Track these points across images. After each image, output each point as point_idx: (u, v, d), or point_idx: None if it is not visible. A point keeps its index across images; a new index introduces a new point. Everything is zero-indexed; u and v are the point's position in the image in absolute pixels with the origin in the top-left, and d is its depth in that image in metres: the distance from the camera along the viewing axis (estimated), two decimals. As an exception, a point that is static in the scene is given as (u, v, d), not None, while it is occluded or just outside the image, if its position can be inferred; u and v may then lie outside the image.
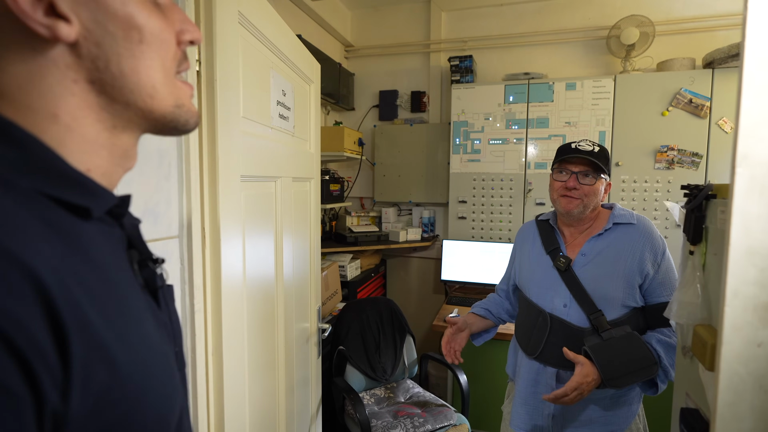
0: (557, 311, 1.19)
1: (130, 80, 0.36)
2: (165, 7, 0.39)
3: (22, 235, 0.28)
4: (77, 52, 0.34)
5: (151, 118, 0.39)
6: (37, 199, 0.32)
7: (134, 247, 0.42)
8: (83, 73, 0.35)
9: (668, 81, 2.25)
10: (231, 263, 0.91)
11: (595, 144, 1.19)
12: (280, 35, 1.16)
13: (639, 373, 1.08)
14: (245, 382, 1.01)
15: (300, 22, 2.48)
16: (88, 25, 0.34)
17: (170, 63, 0.39)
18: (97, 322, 0.30)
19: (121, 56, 0.35)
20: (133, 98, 0.37)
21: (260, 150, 1.06)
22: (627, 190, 2.36)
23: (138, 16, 0.36)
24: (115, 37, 0.35)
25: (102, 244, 0.36)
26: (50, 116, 0.34)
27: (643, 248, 1.16)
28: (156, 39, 0.37)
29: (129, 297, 0.37)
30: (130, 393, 0.33)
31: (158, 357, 0.38)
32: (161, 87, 0.38)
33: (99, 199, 0.36)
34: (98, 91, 0.36)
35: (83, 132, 0.36)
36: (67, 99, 0.35)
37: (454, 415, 1.83)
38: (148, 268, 0.43)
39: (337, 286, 2.37)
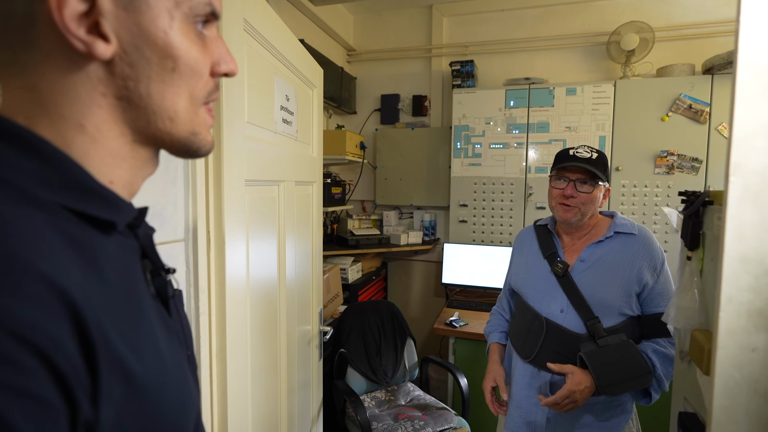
0: (554, 316, 1.20)
1: (154, 102, 0.38)
2: (208, 38, 0.41)
3: (51, 255, 0.29)
4: (110, 69, 0.36)
5: (167, 140, 0.40)
6: (61, 214, 0.33)
7: (147, 257, 0.44)
8: (113, 89, 0.36)
9: (668, 87, 2.26)
10: (235, 266, 0.92)
11: (593, 150, 1.20)
12: (284, 41, 1.18)
13: (633, 381, 1.08)
14: (248, 383, 1.02)
15: (303, 26, 2.50)
16: (126, 47, 0.35)
17: (199, 93, 0.41)
18: (114, 337, 0.32)
19: (151, 80, 0.37)
20: (154, 119, 0.38)
21: (264, 154, 1.07)
22: (627, 195, 2.37)
23: (177, 46, 0.38)
24: (150, 62, 0.37)
25: (118, 258, 0.37)
26: (78, 126, 0.36)
27: (643, 259, 1.17)
28: (189, 69, 0.39)
29: (141, 311, 0.38)
30: (147, 403, 0.34)
31: (170, 367, 0.39)
32: (183, 113, 0.40)
33: (121, 212, 0.38)
34: (124, 107, 0.37)
35: (107, 144, 0.37)
36: (94, 110, 0.36)
37: (454, 418, 1.84)
38: (160, 277, 0.44)
39: (339, 288, 2.38)
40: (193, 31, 0.39)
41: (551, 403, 1.10)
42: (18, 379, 0.25)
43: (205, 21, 0.40)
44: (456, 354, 2.28)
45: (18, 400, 0.25)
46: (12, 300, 0.26)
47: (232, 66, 0.44)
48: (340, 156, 2.55)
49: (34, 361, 0.26)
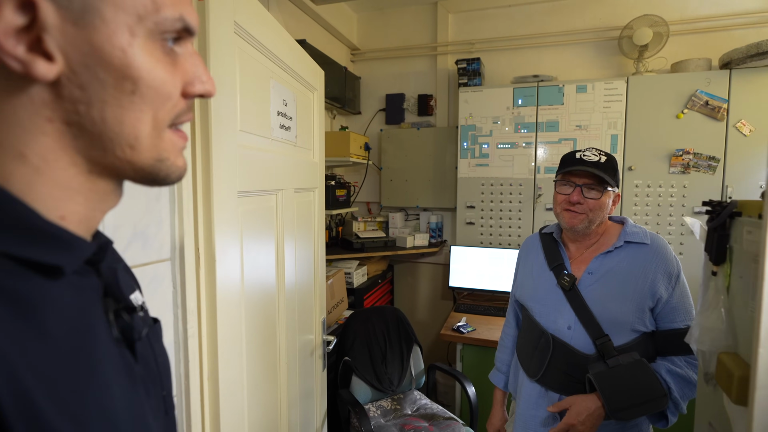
0: (561, 333, 1.13)
1: (110, 128, 0.33)
2: (180, 56, 0.36)
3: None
4: (57, 91, 0.31)
5: (129, 169, 0.35)
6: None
7: (110, 294, 0.39)
8: (60, 114, 0.32)
9: (683, 82, 2.18)
10: (227, 284, 0.88)
11: (601, 153, 1.12)
12: (280, 43, 1.13)
13: (647, 405, 1.01)
14: (244, 402, 0.98)
15: (305, 26, 2.45)
16: (75, 66, 0.31)
17: (165, 115, 0.36)
18: (48, 409, 0.28)
19: (105, 103, 0.32)
20: (111, 146, 0.34)
21: (259, 163, 1.03)
22: (640, 195, 2.29)
23: (138, 66, 0.33)
24: (104, 84, 0.32)
25: (68, 306, 0.33)
26: (18, 155, 0.31)
27: (656, 270, 1.09)
28: (152, 91, 0.34)
29: (93, 367, 0.34)
30: None
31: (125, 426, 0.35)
32: (145, 139, 0.35)
33: (74, 251, 0.34)
34: (74, 134, 0.33)
35: (55, 176, 0.33)
36: (38, 138, 0.31)
37: (462, 429, 1.78)
38: (123, 318, 0.39)
39: (344, 293, 2.33)
40: (160, 48, 0.34)
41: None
42: None
43: (177, 38, 0.35)
44: (464, 361, 2.22)
45: None
46: None
47: (209, 86, 0.38)
48: (345, 158, 2.50)
49: None
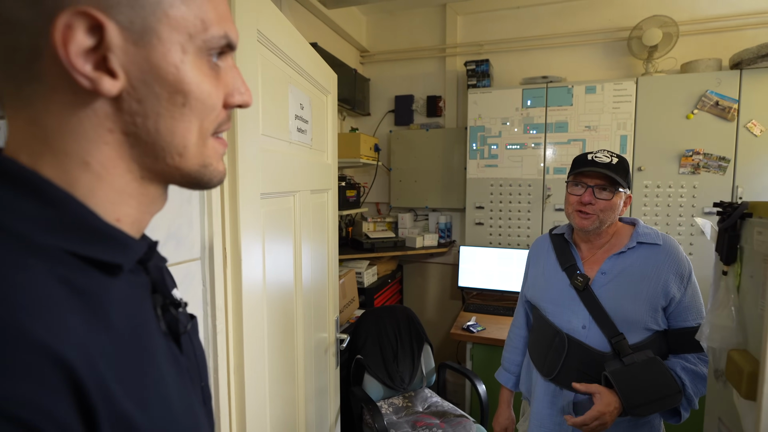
0: (575, 333, 1.15)
1: (163, 138, 0.36)
2: (222, 69, 0.39)
3: (51, 317, 0.28)
4: (118, 105, 0.34)
5: (177, 174, 0.39)
6: (63, 260, 0.31)
7: (158, 290, 0.42)
8: (120, 125, 0.35)
9: (693, 83, 2.18)
10: (251, 282, 0.91)
11: (613, 155, 1.14)
12: (297, 49, 1.16)
13: (663, 401, 1.03)
14: (266, 396, 1.01)
15: (316, 29, 2.49)
16: (134, 82, 0.34)
17: (209, 125, 0.39)
18: (119, 393, 0.30)
19: (159, 115, 0.35)
20: (163, 154, 0.37)
21: (279, 166, 1.06)
22: (650, 196, 2.29)
23: (188, 81, 0.36)
24: (159, 97, 0.35)
25: (126, 300, 0.36)
26: (83, 163, 0.34)
27: (669, 271, 1.11)
28: (200, 104, 0.37)
29: (150, 356, 0.37)
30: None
31: (179, 414, 0.38)
32: (192, 147, 0.38)
33: (129, 251, 0.37)
34: (131, 143, 0.36)
35: (113, 182, 0.36)
36: (100, 147, 0.35)
37: (473, 426, 1.81)
38: (170, 312, 0.43)
39: (355, 293, 2.37)
40: (207, 63, 0.37)
41: (579, 424, 1.05)
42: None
43: (220, 52, 0.39)
44: (474, 360, 2.24)
45: None
46: (6, 379, 0.25)
47: (246, 97, 0.42)
48: (355, 159, 2.54)
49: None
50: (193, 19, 0.35)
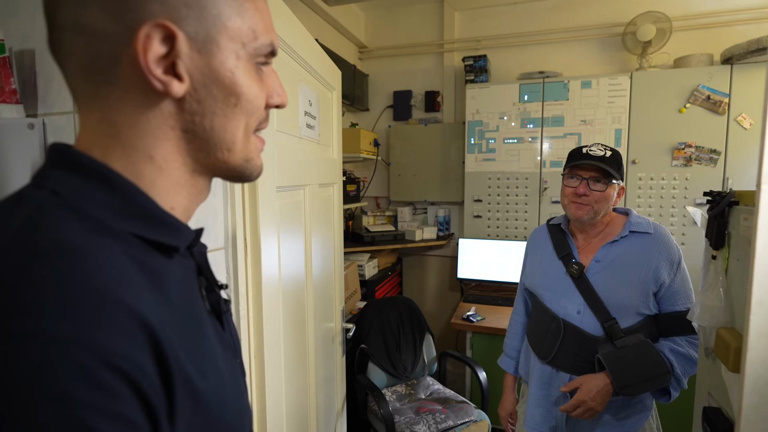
0: (571, 318, 1.21)
1: (216, 135, 0.41)
2: (264, 73, 0.44)
3: (131, 286, 0.32)
4: (180, 105, 0.39)
5: (224, 168, 0.43)
6: (131, 242, 0.36)
7: (202, 274, 0.47)
8: (181, 123, 0.39)
9: (685, 77, 2.24)
10: (269, 270, 0.96)
11: (606, 148, 1.20)
12: (307, 48, 1.20)
13: (652, 381, 1.10)
14: (282, 380, 1.06)
15: (316, 25, 2.52)
16: (196, 85, 0.38)
17: (253, 123, 0.44)
18: (183, 357, 0.35)
19: (215, 114, 0.40)
20: (214, 149, 0.41)
21: (291, 160, 1.11)
22: (644, 188, 2.36)
23: (241, 84, 0.40)
24: (216, 98, 0.40)
25: (180, 279, 0.40)
26: (148, 157, 0.39)
27: (659, 258, 1.17)
28: (249, 104, 0.42)
29: (202, 329, 0.41)
30: (210, 417, 0.37)
31: (228, 381, 0.42)
32: (239, 143, 0.42)
33: (182, 236, 0.41)
34: (189, 139, 0.40)
35: (171, 174, 0.40)
36: (163, 143, 0.39)
37: (474, 411, 1.87)
38: (215, 293, 0.47)
39: (357, 285, 2.42)
40: (254, 68, 0.42)
41: (567, 411, 1.13)
42: (112, 404, 0.28)
43: (265, 60, 0.43)
44: (474, 348, 2.31)
45: (113, 422, 0.28)
46: (105, 333, 0.29)
47: (284, 98, 0.47)
48: (355, 154, 2.58)
49: (125, 388, 0.29)
50: (246, 29, 0.40)
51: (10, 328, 0.27)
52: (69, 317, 0.28)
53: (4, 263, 0.29)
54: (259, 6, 0.43)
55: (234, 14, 0.39)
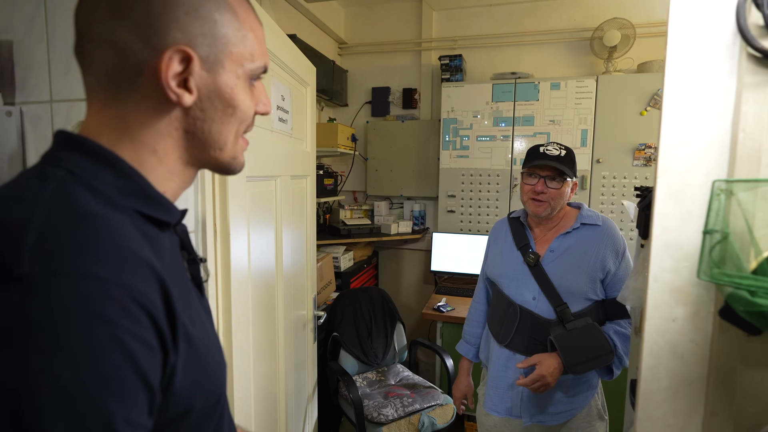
0: (527, 303, 1.30)
1: (212, 137, 0.49)
2: (255, 86, 0.52)
3: (144, 246, 0.41)
4: (186, 111, 0.47)
5: (213, 163, 0.52)
6: (134, 216, 0.44)
7: (185, 248, 0.55)
8: (184, 125, 0.47)
9: (647, 82, 2.37)
10: (238, 255, 1.02)
11: (561, 147, 1.29)
12: (279, 45, 1.25)
13: (597, 360, 1.20)
14: (250, 362, 1.12)
15: (295, 21, 2.56)
16: (202, 97, 0.47)
17: (242, 128, 0.52)
18: (179, 306, 0.43)
19: (213, 121, 0.48)
20: (208, 148, 0.50)
21: (262, 152, 1.16)
22: (607, 186, 2.49)
23: (238, 98, 0.49)
24: (216, 109, 0.48)
25: (169, 249, 0.48)
26: (152, 150, 0.47)
27: (606, 248, 1.28)
28: (242, 113, 0.50)
29: (189, 290, 0.49)
30: (199, 359, 0.46)
31: (211, 334, 0.51)
32: (229, 144, 0.51)
33: (173, 213, 0.49)
34: (188, 138, 0.48)
35: (168, 164, 0.48)
36: (167, 139, 0.47)
37: (440, 395, 1.96)
38: (195, 265, 0.56)
39: (332, 276, 2.48)
40: (249, 84, 0.50)
41: (525, 385, 1.22)
42: (138, 329, 0.37)
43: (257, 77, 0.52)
44: (443, 337, 2.40)
45: (138, 342, 0.37)
46: (133, 277, 0.37)
47: (269, 107, 0.55)
48: (333, 148, 2.63)
49: (146, 318, 0.38)
50: (247, 54, 0.49)
51: (64, 268, 0.35)
52: (106, 264, 0.36)
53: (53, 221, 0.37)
54: (258, 35, 0.51)
55: (238, 42, 0.48)
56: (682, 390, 0.62)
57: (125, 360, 0.35)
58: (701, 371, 0.61)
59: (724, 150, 0.57)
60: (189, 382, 0.43)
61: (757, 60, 0.54)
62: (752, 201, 0.54)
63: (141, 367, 0.36)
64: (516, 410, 1.34)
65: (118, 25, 0.42)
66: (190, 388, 0.44)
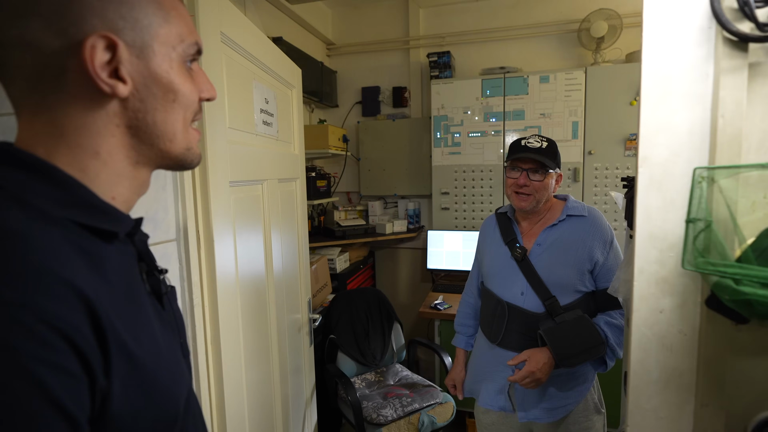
0: (515, 299, 1.29)
1: (158, 128, 0.46)
2: (193, 71, 0.50)
3: (69, 264, 0.38)
4: (124, 104, 0.44)
5: (167, 158, 0.49)
6: (71, 228, 0.41)
7: (143, 260, 0.52)
8: (125, 120, 0.45)
9: (635, 72, 2.34)
10: (224, 262, 1.00)
11: (543, 139, 1.28)
12: (260, 47, 1.24)
13: (589, 352, 1.19)
14: (242, 368, 1.11)
15: (281, 23, 2.54)
16: (138, 86, 0.44)
17: (189, 115, 0.50)
18: (119, 326, 0.40)
19: (156, 110, 0.46)
20: (157, 141, 0.47)
21: (246, 156, 1.15)
22: (600, 177, 2.48)
23: (176, 82, 0.46)
24: (156, 96, 0.45)
25: (118, 262, 0.45)
26: (93, 153, 0.44)
27: (593, 238, 1.26)
28: (185, 98, 0.48)
29: (140, 305, 0.46)
30: (145, 378, 0.43)
31: (164, 349, 0.48)
32: (179, 133, 0.48)
33: (121, 223, 0.46)
34: (132, 134, 0.46)
35: (114, 166, 0.46)
36: (108, 139, 0.45)
37: (440, 394, 1.95)
38: (154, 277, 0.53)
39: (327, 278, 2.47)
40: (184, 67, 0.48)
41: (517, 380, 1.21)
42: (51, 355, 0.34)
43: (192, 58, 0.49)
44: (441, 335, 2.39)
45: (52, 370, 0.33)
46: (44, 299, 0.34)
47: (213, 92, 0.53)
48: (324, 150, 2.62)
49: (63, 343, 0.34)
50: (175, 34, 0.46)
51: None
52: (13, 286, 0.33)
53: None
54: (182, 12, 0.48)
55: (162, 22, 0.45)
56: (672, 381, 0.61)
57: (36, 391, 0.32)
58: (690, 362, 0.60)
59: (704, 137, 0.56)
60: (130, 405, 0.40)
61: (733, 44, 0.53)
62: (734, 188, 0.54)
63: (57, 398, 0.33)
64: (510, 407, 1.33)
65: (27, 23, 0.39)
66: (132, 412, 0.41)
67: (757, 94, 0.54)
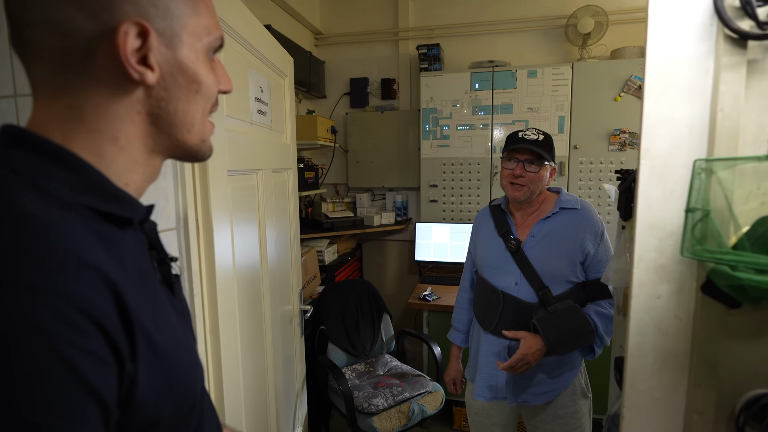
0: (509, 289, 1.33)
1: (179, 117, 0.46)
2: (214, 63, 0.50)
3: (94, 250, 0.37)
4: (149, 92, 0.44)
5: (182, 147, 0.49)
6: (87, 214, 0.40)
7: (154, 247, 0.52)
8: (147, 107, 0.44)
9: (620, 68, 2.41)
10: (222, 251, 0.99)
11: (540, 132, 1.31)
12: (256, 35, 1.22)
13: (579, 340, 1.24)
14: (239, 358, 1.11)
15: (269, 11, 2.50)
16: (164, 75, 0.44)
17: (208, 107, 0.49)
18: (140, 311, 0.40)
19: (179, 100, 0.46)
20: (175, 131, 0.47)
21: (243, 145, 1.14)
22: (584, 171, 2.54)
23: (201, 73, 0.47)
24: (181, 86, 0.45)
25: (132, 249, 0.45)
26: (112, 138, 0.44)
27: (585, 231, 1.30)
28: (207, 90, 0.48)
29: (155, 292, 0.46)
30: (166, 365, 0.42)
31: (180, 337, 0.48)
32: (197, 125, 0.48)
33: (135, 209, 0.46)
34: (152, 122, 0.45)
35: (131, 153, 0.45)
36: (128, 126, 0.44)
37: (429, 383, 1.99)
38: (165, 264, 0.53)
39: (316, 270, 2.47)
40: (208, 59, 0.48)
41: (507, 367, 1.24)
42: (82, 339, 0.33)
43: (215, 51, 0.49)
44: (430, 326, 2.42)
45: (83, 354, 0.33)
46: (73, 284, 0.34)
47: (230, 85, 0.53)
48: (312, 141, 2.60)
49: (92, 327, 0.34)
50: (203, 26, 0.47)
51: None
52: (42, 271, 0.33)
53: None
54: (209, 5, 0.49)
55: (192, 13, 0.45)
56: (667, 364, 0.64)
57: (69, 375, 0.32)
58: (685, 345, 0.63)
59: (703, 130, 0.58)
60: (154, 391, 0.40)
61: (734, 41, 0.55)
62: (731, 179, 0.56)
63: (89, 382, 0.33)
64: (501, 392, 1.37)
65: (59, 4, 0.39)
66: (155, 398, 0.41)
67: (754, 89, 0.56)
